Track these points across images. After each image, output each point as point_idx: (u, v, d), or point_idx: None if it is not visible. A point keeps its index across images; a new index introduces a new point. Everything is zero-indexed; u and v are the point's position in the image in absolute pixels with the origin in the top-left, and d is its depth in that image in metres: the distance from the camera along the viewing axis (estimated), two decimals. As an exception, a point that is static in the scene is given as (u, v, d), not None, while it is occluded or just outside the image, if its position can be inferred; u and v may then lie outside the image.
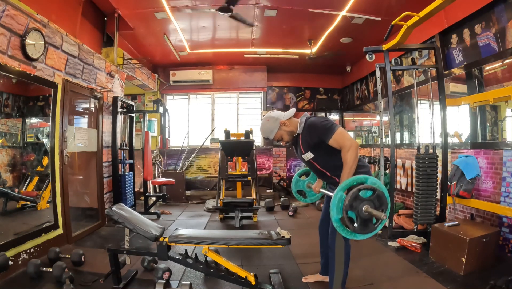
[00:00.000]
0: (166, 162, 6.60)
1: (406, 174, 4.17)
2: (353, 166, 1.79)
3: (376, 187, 1.60)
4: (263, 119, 2.07)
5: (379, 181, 1.66)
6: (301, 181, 2.50)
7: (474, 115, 3.37)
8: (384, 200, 1.60)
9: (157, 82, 6.60)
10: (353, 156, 1.78)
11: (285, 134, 2.04)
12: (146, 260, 2.57)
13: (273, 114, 2.05)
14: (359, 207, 1.55)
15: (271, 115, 2.05)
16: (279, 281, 2.31)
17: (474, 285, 2.29)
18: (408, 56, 4.43)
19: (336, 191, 1.60)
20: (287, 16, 4.31)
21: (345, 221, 1.56)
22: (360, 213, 1.56)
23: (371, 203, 1.57)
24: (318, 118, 1.97)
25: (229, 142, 4.46)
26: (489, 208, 2.85)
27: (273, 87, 7.15)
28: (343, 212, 1.55)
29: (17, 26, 2.55)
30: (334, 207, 1.57)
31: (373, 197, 1.58)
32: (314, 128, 1.92)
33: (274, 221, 4.39)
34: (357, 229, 1.58)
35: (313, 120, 1.96)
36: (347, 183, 1.62)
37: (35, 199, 3.07)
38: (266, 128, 2.04)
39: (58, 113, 3.13)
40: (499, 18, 2.93)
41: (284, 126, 2.02)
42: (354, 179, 1.63)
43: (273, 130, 2.02)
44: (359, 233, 1.60)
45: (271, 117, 2.03)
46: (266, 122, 2.04)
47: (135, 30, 4.74)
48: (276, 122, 2.02)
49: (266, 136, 2.06)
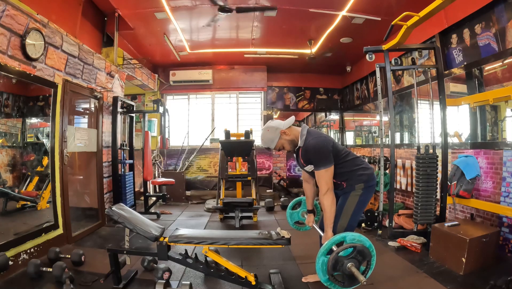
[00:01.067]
0: (166, 162, 6.60)
1: (406, 174, 4.17)
2: (331, 209, 1.90)
3: (355, 243, 1.63)
4: (263, 129, 2.07)
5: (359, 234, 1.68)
6: (295, 212, 2.60)
7: (474, 115, 3.37)
8: (366, 252, 1.65)
9: (157, 82, 6.60)
10: (329, 200, 1.91)
11: (286, 143, 2.04)
12: (146, 260, 2.57)
13: (273, 124, 2.04)
14: (343, 267, 1.61)
15: (271, 125, 2.04)
16: (279, 281, 2.31)
17: (474, 285, 2.29)
18: (408, 56, 4.43)
19: (318, 257, 1.64)
20: (287, 16, 4.31)
21: (334, 280, 1.62)
22: (345, 271, 1.61)
23: (354, 260, 1.62)
24: (316, 144, 1.93)
25: (229, 142, 4.46)
26: (489, 208, 2.85)
27: (273, 87, 7.15)
28: (328, 274, 1.61)
29: (17, 26, 2.55)
30: (319, 271, 1.62)
31: (354, 254, 1.62)
32: (310, 153, 1.96)
33: (274, 221, 4.39)
34: (346, 284, 1.64)
35: (311, 143, 1.95)
36: (326, 247, 1.66)
37: (35, 199, 3.07)
38: (267, 139, 2.04)
39: (58, 113, 3.13)
40: (499, 18, 2.93)
41: (284, 135, 2.02)
42: (333, 241, 1.66)
43: (274, 140, 2.02)
44: (349, 287, 1.66)
45: (271, 127, 2.03)
46: (267, 132, 2.04)
47: (135, 30, 4.74)
48: (276, 132, 2.01)
49: (267, 146, 2.06)
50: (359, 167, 2.03)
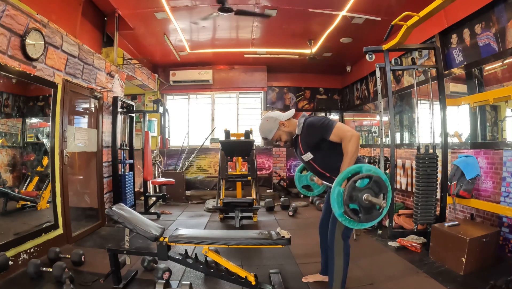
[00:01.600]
0: (166, 162, 6.60)
1: (406, 174, 4.17)
2: (353, 156, 1.78)
3: (371, 173, 1.59)
4: (262, 119, 2.08)
5: (374, 166, 1.64)
6: (303, 176, 2.49)
7: (474, 115, 3.37)
8: (382, 184, 1.59)
9: (157, 82, 6.60)
10: (354, 146, 1.78)
11: (283, 134, 2.04)
12: (146, 260, 2.57)
13: (272, 114, 2.05)
14: (359, 197, 1.54)
15: (270, 115, 2.05)
16: (279, 281, 2.31)
17: (474, 285, 2.29)
18: (408, 56, 4.43)
19: (333, 187, 1.60)
20: (287, 16, 4.31)
21: (348, 214, 1.56)
22: (362, 202, 1.55)
23: (370, 190, 1.56)
24: (316, 118, 1.97)
25: (229, 142, 4.46)
26: (489, 208, 2.85)
27: (273, 87, 7.15)
28: (344, 206, 1.54)
29: (17, 26, 2.55)
30: (334, 203, 1.56)
31: (371, 184, 1.57)
32: (313, 127, 1.92)
33: (274, 221, 4.39)
34: (363, 218, 1.57)
35: (311, 120, 1.97)
36: (342, 176, 1.62)
37: (35, 199, 3.07)
38: (265, 129, 2.04)
39: (58, 113, 3.13)
40: (499, 18, 2.93)
41: (283, 126, 2.02)
42: (348, 171, 1.62)
43: (272, 130, 2.02)
44: (365, 222, 1.59)
45: (270, 118, 2.04)
46: (265, 122, 2.04)
47: (135, 30, 4.74)
48: (275, 122, 2.02)
49: (264, 136, 2.06)
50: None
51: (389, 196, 1.61)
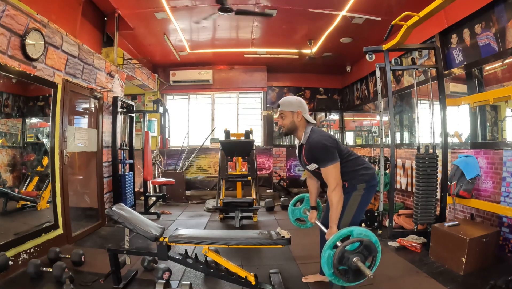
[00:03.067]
0: (166, 162, 6.60)
1: (406, 174, 4.17)
2: (338, 206, 1.87)
3: (362, 237, 1.62)
4: (295, 96, 2.16)
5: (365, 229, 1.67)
6: (297, 209, 2.56)
7: (474, 115, 3.37)
8: (372, 247, 1.62)
9: (157, 82, 6.60)
10: (337, 196, 1.87)
11: (289, 119, 2.06)
12: (146, 260, 2.57)
13: (303, 103, 2.11)
14: (349, 261, 1.59)
15: (301, 101, 2.11)
16: (279, 281, 2.31)
17: (474, 285, 2.29)
18: (408, 56, 4.43)
19: (324, 250, 1.63)
20: (287, 16, 4.31)
21: (337, 275, 1.60)
22: (351, 265, 1.59)
23: (360, 254, 1.60)
24: (321, 140, 1.92)
25: (229, 142, 4.46)
26: (489, 208, 2.85)
27: (273, 87, 7.15)
28: (333, 268, 1.59)
29: (17, 26, 2.55)
30: (324, 265, 1.61)
31: (361, 248, 1.61)
32: (315, 150, 1.94)
33: (274, 221, 4.39)
34: (351, 279, 1.63)
35: (317, 140, 1.93)
36: (333, 240, 1.64)
37: (35, 199, 3.07)
38: (288, 101, 2.10)
39: (58, 113, 3.13)
40: (499, 18, 2.93)
41: (297, 116, 2.05)
42: (339, 235, 1.65)
43: (289, 107, 2.06)
44: (353, 282, 1.65)
45: (300, 101, 2.10)
46: (294, 99, 2.10)
47: (135, 30, 4.74)
48: (297, 108, 2.06)
49: (281, 103, 2.10)
50: (361, 166, 2.03)
51: (378, 258, 1.66)
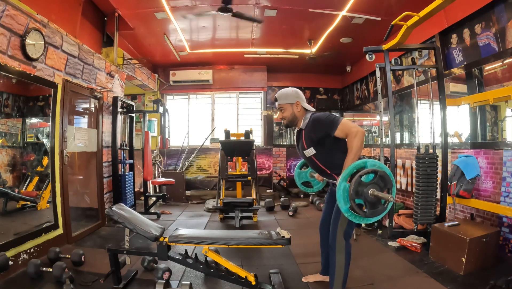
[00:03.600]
0: (166, 162, 6.60)
1: (406, 174, 4.17)
2: (358, 151, 1.79)
3: (376, 168, 1.59)
4: (290, 88, 2.11)
5: (379, 161, 1.65)
6: (303, 172, 2.50)
7: (474, 115, 3.37)
8: (387, 179, 1.60)
9: (157, 82, 6.60)
10: (359, 142, 1.78)
11: (289, 111, 2.04)
12: (146, 260, 2.57)
13: (300, 93, 2.08)
14: (365, 192, 1.56)
15: (297, 91, 2.08)
16: (279, 281, 2.31)
17: (474, 285, 2.29)
18: (408, 56, 4.43)
19: (339, 182, 1.60)
20: (287, 16, 4.31)
21: (354, 209, 1.57)
22: (367, 197, 1.56)
23: (375, 185, 1.58)
24: (322, 113, 1.98)
25: (229, 142, 4.46)
26: (489, 208, 2.85)
27: (273, 87, 7.15)
28: (350, 201, 1.55)
29: (17, 26, 2.55)
30: (340, 198, 1.57)
31: (376, 179, 1.59)
32: (319, 122, 1.93)
33: (274, 221, 4.39)
34: (368, 213, 1.59)
35: (317, 115, 1.98)
36: (347, 171, 1.61)
37: (35, 199, 3.07)
38: (284, 93, 2.06)
39: (58, 113, 3.13)
40: (499, 18, 2.93)
41: (295, 106, 2.03)
42: (354, 166, 1.62)
43: (287, 99, 2.04)
44: (371, 217, 1.61)
45: (296, 92, 2.07)
46: (290, 91, 2.07)
47: (135, 30, 4.74)
48: (295, 98, 2.04)
49: (278, 97, 2.07)
50: None
51: (394, 191, 1.63)
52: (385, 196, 1.53)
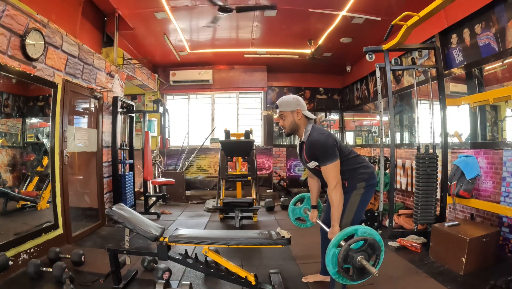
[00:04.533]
0: (166, 162, 6.60)
1: (406, 174, 4.17)
2: (339, 204, 1.88)
3: (366, 236, 1.62)
4: (291, 95, 2.11)
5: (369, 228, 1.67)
6: (297, 208, 2.54)
7: (474, 115, 3.37)
8: (376, 246, 1.63)
9: (157, 82, 6.60)
10: (338, 195, 1.88)
11: (289, 120, 2.03)
12: (146, 260, 2.57)
13: (301, 100, 2.08)
14: (353, 260, 1.60)
15: (298, 98, 2.07)
16: (279, 281, 2.31)
17: (474, 285, 2.29)
18: (408, 56, 4.43)
19: (328, 248, 1.63)
20: (287, 16, 4.31)
21: (342, 273, 1.61)
22: (355, 264, 1.60)
23: (364, 253, 1.61)
24: (321, 139, 1.91)
25: (229, 142, 4.46)
26: (489, 208, 2.85)
27: (273, 87, 7.15)
28: (338, 266, 1.59)
29: (17, 26, 2.55)
30: (329, 263, 1.61)
31: (365, 247, 1.61)
32: (315, 148, 1.93)
33: (274, 221, 4.39)
34: (355, 277, 1.64)
35: (317, 138, 1.93)
36: (338, 238, 1.64)
37: (35, 199, 3.07)
38: (285, 101, 2.06)
39: (58, 113, 3.13)
40: (499, 18, 2.93)
41: (296, 115, 2.02)
42: (344, 233, 1.65)
43: (288, 106, 2.03)
44: (357, 280, 1.66)
45: (297, 99, 2.06)
46: (291, 98, 2.06)
47: (135, 30, 4.74)
48: (296, 106, 2.02)
49: (279, 104, 2.07)
50: (360, 165, 2.03)
51: (382, 256, 1.67)
52: (371, 270, 1.57)
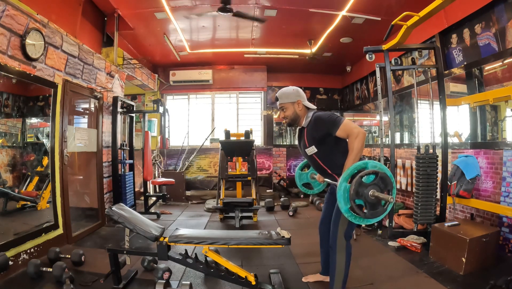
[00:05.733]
0: (166, 162, 6.60)
1: (406, 174, 4.17)
2: (359, 153, 1.80)
3: (377, 169, 1.60)
4: (291, 87, 2.10)
5: (380, 163, 1.65)
6: (304, 173, 2.51)
7: (474, 115, 3.37)
8: (388, 180, 1.61)
9: (157, 82, 6.60)
10: (360, 143, 1.80)
11: (291, 110, 2.04)
12: (146, 260, 2.57)
13: (300, 91, 2.08)
14: (365, 193, 1.57)
15: (298, 89, 2.08)
16: (279, 281, 2.31)
17: (474, 285, 2.29)
18: (408, 56, 4.43)
19: (340, 183, 1.60)
20: (287, 16, 4.31)
21: (354, 209, 1.57)
22: (368, 198, 1.57)
23: (376, 186, 1.59)
24: (325, 113, 1.99)
25: (229, 142, 4.46)
26: (489, 208, 2.85)
27: (273, 87, 7.15)
28: (350, 201, 1.56)
29: (17, 26, 2.55)
30: (341, 199, 1.58)
31: (376, 180, 1.59)
32: (321, 121, 1.93)
33: (274, 221, 4.39)
34: (368, 214, 1.59)
35: (320, 114, 1.98)
36: (348, 172, 1.62)
37: (35, 199, 3.07)
38: (285, 92, 2.06)
39: (58, 113, 3.13)
40: (499, 18, 2.93)
41: (297, 105, 2.03)
42: (355, 167, 1.63)
43: (288, 98, 2.04)
44: (371, 218, 1.61)
45: (296, 91, 2.06)
46: (291, 90, 2.07)
47: (135, 30, 4.74)
48: (296, 97, 2.04)
49: (279, 96, 2.07)
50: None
51: (394, 192, 1.64)
52: (385, 197, 1.54)
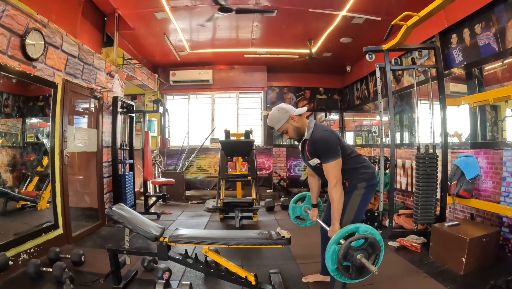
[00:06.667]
0: (166, 162, 6.60)
1: (406, 174, 4.17)
2: (339, 203, 1.88)
3: (367, 235, 1.62)
4: (274, 109, 2.05)
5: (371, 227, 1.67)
6: (298, 206, 2.54)
7: (474, 115, 3.37)
8: (376, 245, 1.63)
9: (157, 82, 6.60)
10: (338, 193, 1.88)
11: (290, 128, 2.01)
12: (146, 260, 2.57)
13: (285, 106, 2.03)
14: (353, 257, 1.59)
15: (283, 106, 2.03)
16: (279, 281, 2.31)
17: (474, 285, 2.29)
18: (408, 56, 4.43)
19: (329, 245, 1.63)
20: (287, 16, 4.31)
21: (341, 271, 1.60)
22: (355, 262, 1.60)
23: (364, 251, 1.61)
24: (324, 136, 1.91)
25: (229, 142, 4.46)
26: (489, 208, 2.85)
27: (273, 87, 7.15)
28: (337, 263, 1.59)
29: (17, 26, 2.55)
30: (329, 259, 1.61)
31: (365, 245, 1.61)
32: (317, 146, 1.92)
33: (274, 221, 4.39)
34: (353, 276, 1.63)
35: (320, 136, 1.92)
36: (339, 235, 1.64)
37: (35, 199, 3.07)
38: (274, 118, 2.02)
39: (58, 113, 3.13)
40: (499, 18, 2.93)
41: (292, 120, 2.00)
42: (346, 231, 1.65)
43: (281, 121, 2.00)
44: (356, 279, 1.65)
45: (282, 108, 2.01)
46: (276, 112, 2.02)
47: (135, 30, 4.74)
48: (286, 114, 1.99)
49: (272, 125, 2.04)
50: (361, 165, 2.02)
51: (381, 256, 1.66)
52: (370, 268, 1.56)
